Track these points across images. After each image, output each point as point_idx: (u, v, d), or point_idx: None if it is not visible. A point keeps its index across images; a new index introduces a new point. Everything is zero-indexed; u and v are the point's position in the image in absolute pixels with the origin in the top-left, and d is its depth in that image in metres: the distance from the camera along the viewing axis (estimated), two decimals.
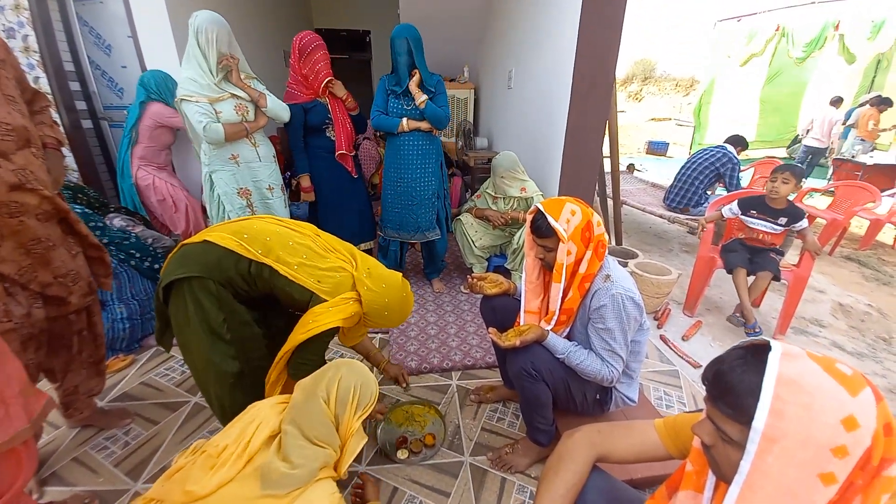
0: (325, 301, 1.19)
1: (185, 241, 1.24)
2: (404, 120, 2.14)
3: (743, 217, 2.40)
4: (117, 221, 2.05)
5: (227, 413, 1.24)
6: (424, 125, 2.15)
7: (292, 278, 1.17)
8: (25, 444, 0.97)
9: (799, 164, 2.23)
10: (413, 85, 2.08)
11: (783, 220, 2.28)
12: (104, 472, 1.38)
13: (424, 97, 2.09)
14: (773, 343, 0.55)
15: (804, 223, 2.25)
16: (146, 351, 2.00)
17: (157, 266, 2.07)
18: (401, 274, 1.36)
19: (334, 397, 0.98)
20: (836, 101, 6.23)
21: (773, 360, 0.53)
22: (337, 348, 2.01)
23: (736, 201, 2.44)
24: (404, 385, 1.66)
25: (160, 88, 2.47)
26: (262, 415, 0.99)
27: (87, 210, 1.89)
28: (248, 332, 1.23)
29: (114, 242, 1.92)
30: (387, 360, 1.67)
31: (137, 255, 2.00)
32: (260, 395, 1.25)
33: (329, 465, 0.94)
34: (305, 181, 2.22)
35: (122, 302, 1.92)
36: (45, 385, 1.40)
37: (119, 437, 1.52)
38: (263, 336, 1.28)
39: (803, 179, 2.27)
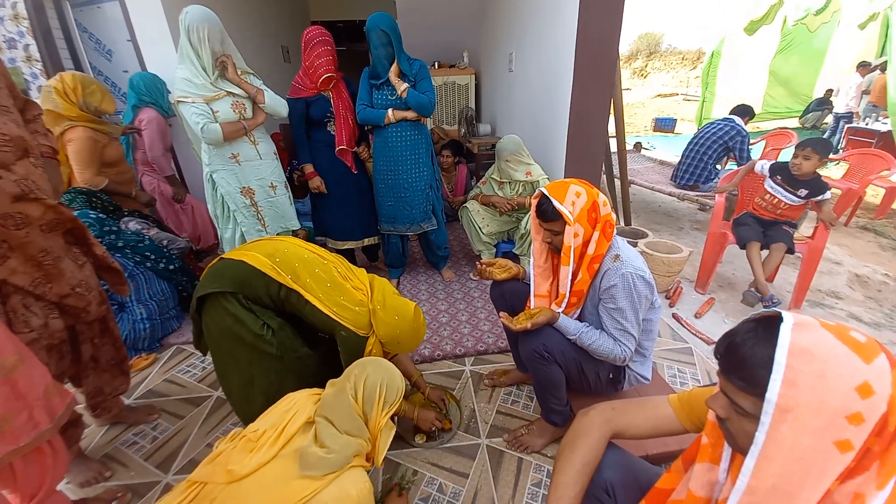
0: (352, 332, 1.26)
1: (224, 256, 1.30)
2: (390, 111, 2.11)
3: (768, 180, 2.38)
4: (132, 225, 2.09)
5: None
6: (410, 114, 2.12)
7: (318, 306, 1.23)
8: (52, 446, 1.00)
9: (824, 138, 2.19)
10: (393, 75, 2.05)
11: (803, 192, 2.24)
12: (135, 465, 1.44)
13: (405, 85, 2.05)
14: (784, 314, 0.55)
15: (826, 195, 2.21)
16: (167, 349, 2.05)
17: (171, 267, 2.11)
18: (414, 304, 1.38)
19: (361, 395, 1.01)
20: (863, 67, 6.05)
21: (784, 330, 0.53)
22: None
23: (771, 163, 2.42)
24: (444, 412, 1.54)
25: (150, 91, 2.47)
26: (298, 405, 1.03)
27: (101, 215, 1.92)
28: (286, 332, 1.29)
29: (129, 245, 1.96)
30: (426, 386, 1.60)
31: (153, 256, 2.04)
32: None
33: (361, 455, 0.98)
34: (308, 168, 2.22)
35: (141, 303, 1.97)
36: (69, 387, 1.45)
37: (147, 432, 1.58)
38: (296, 335, 1.33)
39: (830, 153, 2.22)
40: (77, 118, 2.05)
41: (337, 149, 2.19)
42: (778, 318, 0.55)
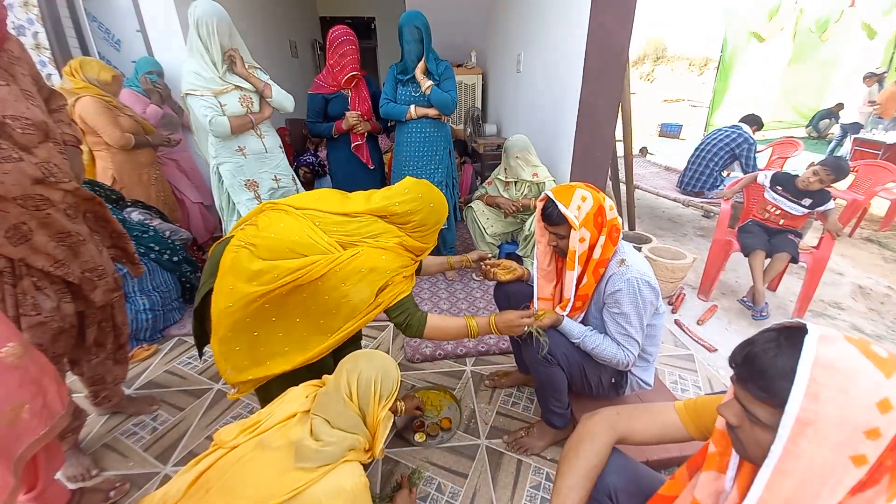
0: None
1: (220, 240, 1.23)
2: (412, 107, 2.14)
3: (768, 191, 2.37)
4: (135, 215, 2.09)
5: None
6: (432, 112, 2.15)
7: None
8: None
9: (842, 160, 2.19)
10: (418, 72, 2.09)
11: (807, 202, 2.23)
12: (134, 456, 1.44)
13: (430, 83, 2.09)
14: (809, 326, 0.54)
15: (830, 205, 2.20)
16: (169, 340, 2.05)
17: (175, 258, 2.11)
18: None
19: (356, 393, 1.01)
20: (869, 77, 6.04)
21: (810, 342, 0.52)
22: None
23: (773, 172, 2.40)
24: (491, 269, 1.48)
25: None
26: (294, 401, 1.04)
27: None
28: None
29: (133, 236, 1.96)
30: (467, 257, 1.54)
31: (156, 247, 2.04)
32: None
33: (357, 449, 0.98)
34: (335, 127, 2.23)
35: (145, 294, 1.96)
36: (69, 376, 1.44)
37: (147, 422, 1.58)
38: None
39: (845, 177, 2.21)
40: (82, 89, 2.12)
41: (353, 145, 2.21)
42: (801, 330, 0.55)
